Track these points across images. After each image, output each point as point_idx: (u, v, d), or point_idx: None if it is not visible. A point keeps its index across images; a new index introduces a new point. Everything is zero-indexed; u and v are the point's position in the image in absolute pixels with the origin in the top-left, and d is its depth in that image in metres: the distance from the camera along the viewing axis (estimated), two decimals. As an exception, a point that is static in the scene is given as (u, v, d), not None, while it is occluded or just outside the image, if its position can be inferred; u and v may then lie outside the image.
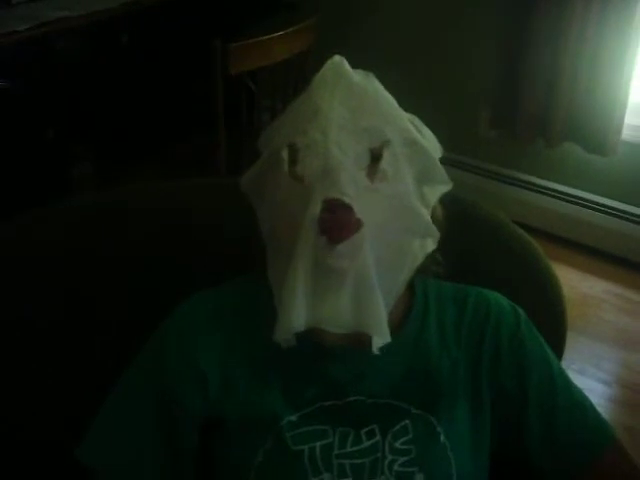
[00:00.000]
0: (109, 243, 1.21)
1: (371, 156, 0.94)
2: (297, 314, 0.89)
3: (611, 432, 1.06)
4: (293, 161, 0.94)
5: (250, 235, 1.03)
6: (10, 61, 2.45)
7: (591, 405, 1.07)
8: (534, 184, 3.08)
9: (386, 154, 0.95)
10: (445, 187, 1.04)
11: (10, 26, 2.38)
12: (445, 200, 1.07)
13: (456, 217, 1.11)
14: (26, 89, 2.51)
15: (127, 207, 1.26)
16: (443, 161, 1.04)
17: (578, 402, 1.06)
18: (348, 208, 0.89)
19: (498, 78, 2.98)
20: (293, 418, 0.97)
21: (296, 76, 2.48)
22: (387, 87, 1.03)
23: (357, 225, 0.90)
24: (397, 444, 0.97)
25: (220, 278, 1.09)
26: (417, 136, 1.00)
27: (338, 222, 0.89)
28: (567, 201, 3.02)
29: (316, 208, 0.89)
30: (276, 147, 0.98)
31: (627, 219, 2.92)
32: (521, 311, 1.08)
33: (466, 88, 3.09)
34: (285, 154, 0.95)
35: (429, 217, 1.00)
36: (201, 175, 2.48)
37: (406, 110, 1.05)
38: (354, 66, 1.02)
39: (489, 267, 1.24)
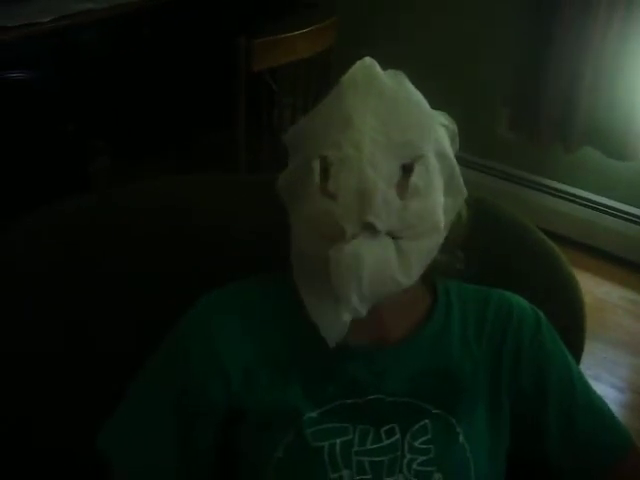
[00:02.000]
0: (115, 244, 1.20)
1: (403, 171, 0.94)
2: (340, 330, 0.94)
3: (630, 437, 1.07)
4: (325, 175, 0.94)
5: (264, 235, 1.03)
6: (32, 53, 2.46)
7: (609, 410, 1.08)
8: (552, 188, 3.07)
9: (418, 168, 0.95)
10: (462, 197, 1.05)
11: (33, 18, 2.39)
12: (470, 201, 1.08)
13: (481, 219, 1.11)
14: (48, 82, 2.52)
15: (132, 207, 1.25)
16: (461, 162, 1.05)
17: (597, 405, 1.07)
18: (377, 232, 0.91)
19: (519, 81, 2.97)
20: (314, 414, 0.97)
21: (318, 74, 2.48)
22: None
23: None
24: (416, 443, 0.97)
25: (230, 277, 1.09)
26: (447, 149, 1.01)
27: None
28: (585, 206, 3.01)
29: (351, 232, 0.90)
30: (307, 156, 0.97)
31: (645, 225, 2.91)
32: (542, 314, 1.08)
33: (486, 90, 3.08)
34: (317, 167, 0.95)
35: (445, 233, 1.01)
36: (220, 171, 2.49)
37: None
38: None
39: (512, 269, 1.24)
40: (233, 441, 1.01)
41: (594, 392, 1.08)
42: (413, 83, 1.03)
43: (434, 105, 1.05)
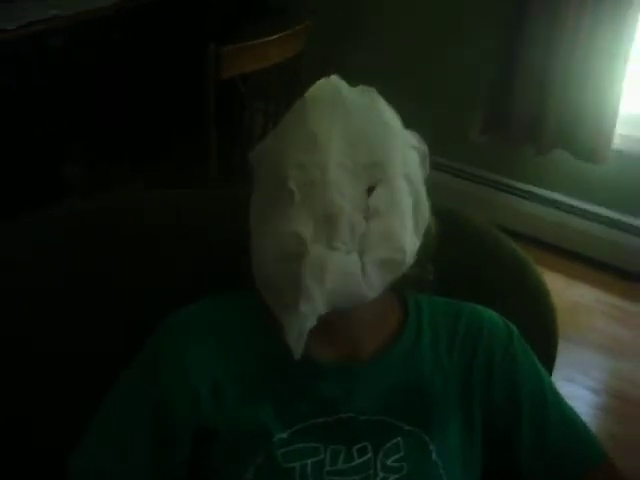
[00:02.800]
0: (104, 244, 1.20)
1: (368, 195, 0.93)
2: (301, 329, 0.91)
3: (602, 448, 1.07)
4: (291, 197, 0.92)
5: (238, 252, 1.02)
6: (5, 59, 2.43)
7: (582, 422, 1.08)
8: (524, 190, 3.08)
9: (379, 190, 0.93)
10: (425, 221, 1.02)
11: (1, 24, 2.36)
12: (438, 212, 1.07)
13: (451, 230, 1.11)
14: (18, 88, 2.49)
15: (120, 208, 1.25)
16: (433, 165, 1.04)
17: (569, 417, 1.07)
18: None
19: (490, 83, 2.98)
20: (284, 435, 0.96)
21: (289, 79, 2.47)
22: (378, 90, 1.00)
23: None
24: (389, 462, 0.96)
25: (219, 277, 1.09)
26: (415, 172, 0.99)
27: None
28: (557, 208, 3.01)
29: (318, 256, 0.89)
30: (274, 178, 0.95)
31: (617, 227, 2.92)
32: (513, 327, 1.08)
33: (458, 92, 3.08)
34: (282, 190, 0.92)
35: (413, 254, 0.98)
36: (192, 177, 2.47)
37: (398, 114, 1.03)
38: (346, 70, 0.99)
39: (482, 281, 1.24)
40: (204, 460, 0.99)
41: (566, 404, 1.08)
42: (385, 88, 1.01)
43: (407, 107, 1.03)
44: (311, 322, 0.90)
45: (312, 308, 0.89)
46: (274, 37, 2.30)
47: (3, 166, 2.45)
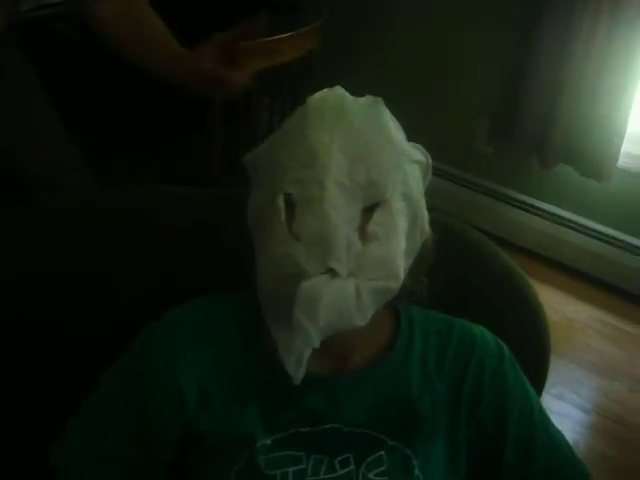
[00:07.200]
0: (96, 244, 1.19)
1: (364, 215, 0.92)
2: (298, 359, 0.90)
3: (587, 472, 1.06)
4: (289, 214, 0.91)
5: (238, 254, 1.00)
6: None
7: (568, 445, 1.07)
8: (526, 203, 3.07)
9: (378, 214, 0.92)
10: (424, 237, 1.01)
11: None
12: (436, 225, 1.06)
13: (445, 242, 1.09)
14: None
15: (114, 208, 1.24)
16: (437, 173, 1.02)
17: (555, 441, 1.06)
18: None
19: (498, 94, 2.97)
20: (267, 442, 0.95)
21: (298, 76, 2.45)
22: (385, 98, 0.98)
23: None
24: (371, 475, 0.95)
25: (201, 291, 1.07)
26: (414, 190, 0.98)
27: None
28: (558, 223, 3.00)
29: (313, 273, 0.87)
30: (272, 191, 0.94)
31: (618, 246, 2.90)
32: (505, 347, 1.07)
33: (465, 102, 3.08)
34: (282, 205, 0.91)
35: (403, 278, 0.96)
36: (196, 172, 2.46)
37: (404, 122, 1.01)
38: (357, 72, 0.97)
39: (472, 292, 1.23)
40: (188, 462, 0.98)
41: (554, 427, 1.07)
42: (394, 97, 0.99)
43: (414, 115, 1.01)
44: (307, 352, 0.90)
45: (307, 342, 0.88)
46: (285, 35, 2.28)
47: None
